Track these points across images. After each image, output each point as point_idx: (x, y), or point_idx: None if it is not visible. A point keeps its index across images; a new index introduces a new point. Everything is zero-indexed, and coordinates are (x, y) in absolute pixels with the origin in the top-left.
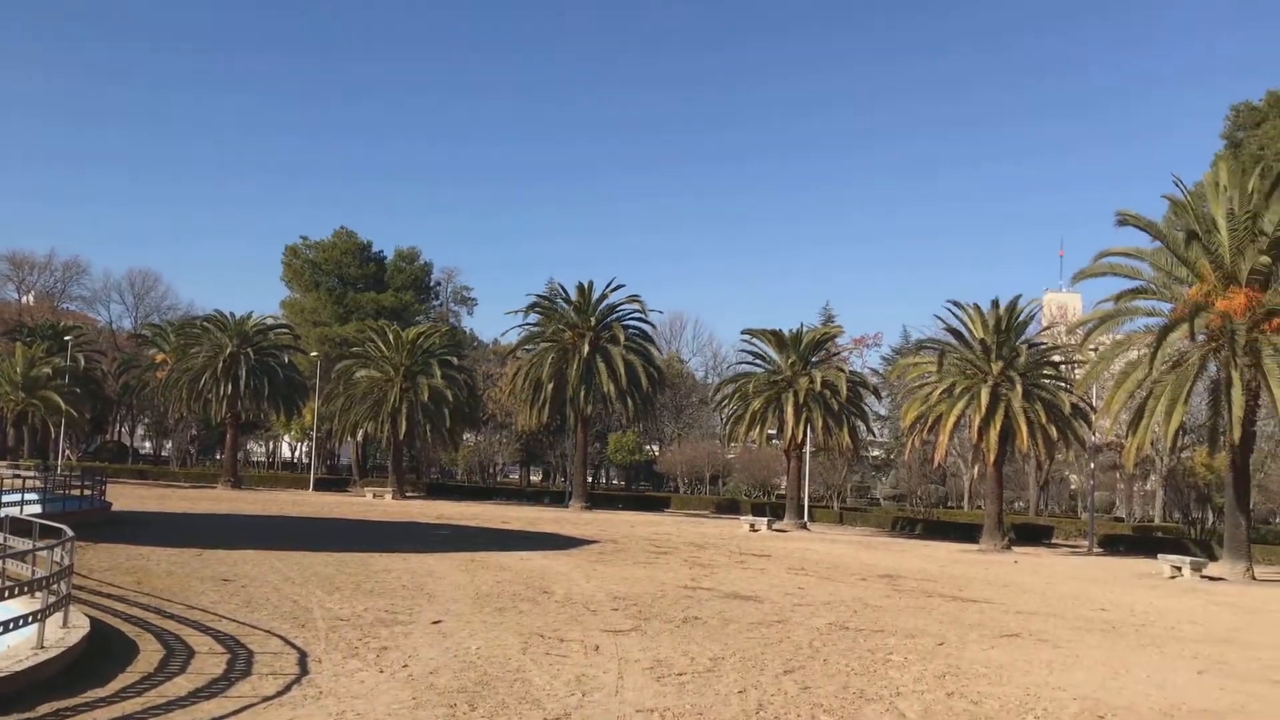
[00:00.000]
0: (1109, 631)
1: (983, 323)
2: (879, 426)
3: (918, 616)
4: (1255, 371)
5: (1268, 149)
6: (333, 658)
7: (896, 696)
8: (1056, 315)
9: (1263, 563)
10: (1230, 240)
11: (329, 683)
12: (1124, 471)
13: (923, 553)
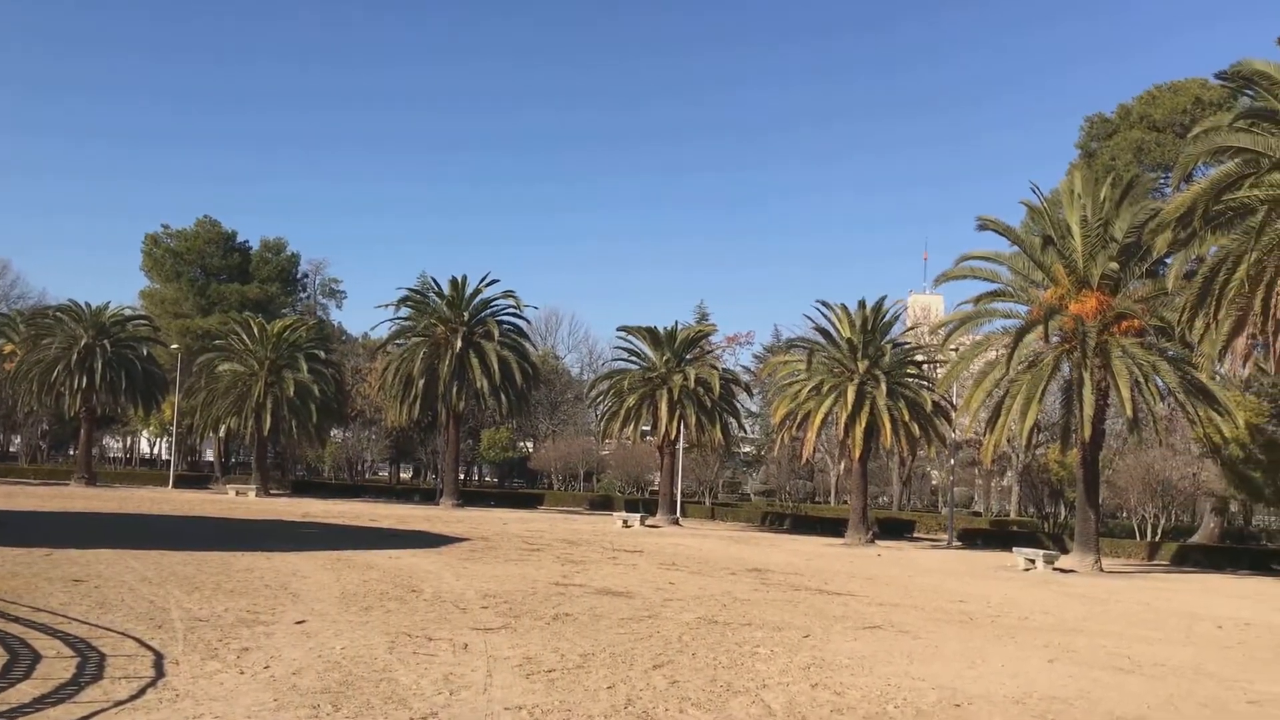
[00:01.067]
0: (966, 623)
1: (850, 323)
2: (750, 423)
3: (785, 610)
4: (1105, 372)
5: (1119, 159)
6: (191, 659)
7: (763, 689)
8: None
9: (1110, 555)
10: (1083, 246)
11: (186, 685)
12: (982, 468)
13: (791, 547)
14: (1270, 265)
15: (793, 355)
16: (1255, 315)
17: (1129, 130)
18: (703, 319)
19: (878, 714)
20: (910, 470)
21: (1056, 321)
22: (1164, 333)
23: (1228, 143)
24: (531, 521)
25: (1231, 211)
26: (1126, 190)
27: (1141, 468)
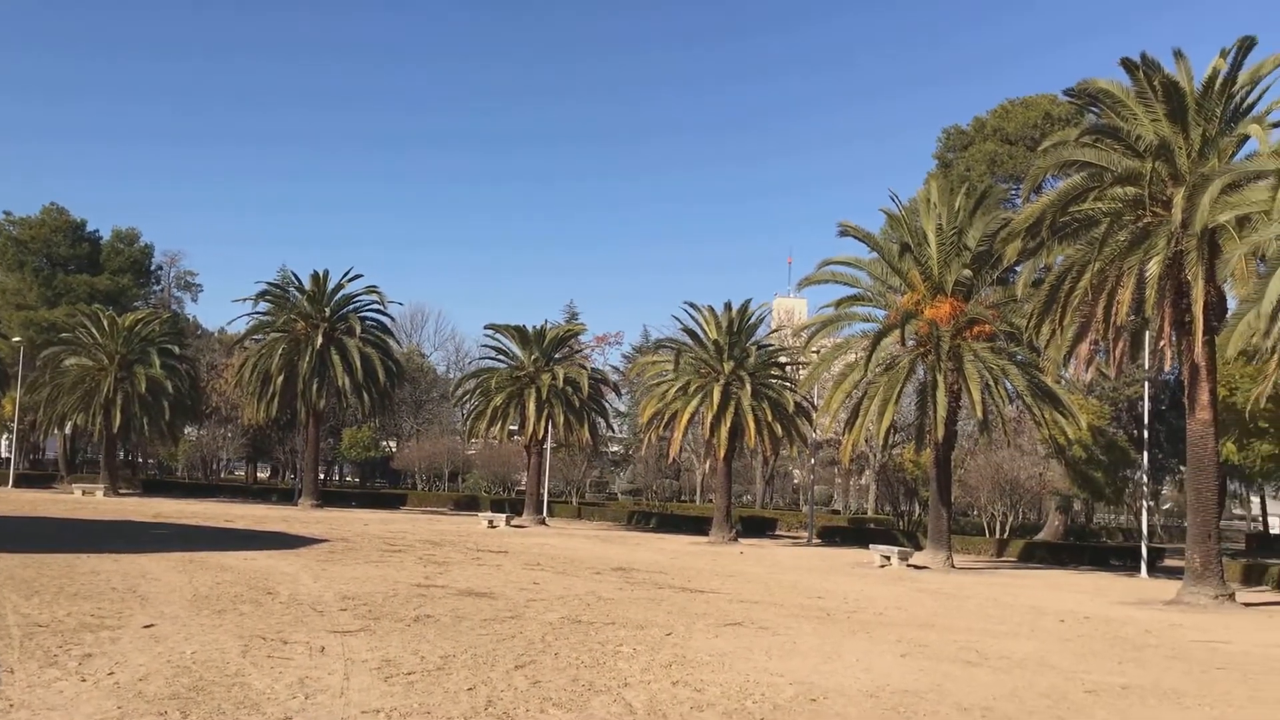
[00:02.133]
0: (824, 618)
1: (716, 324)
2: (618, 423)
3: (648, 608)
4: (958, 375)
5: (973, 170)
6: (28, 667)
7: (624, 687)
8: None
9: (961, 552)
10: (938, 253)
11: (22, 695)
12: (841, 467)
13: (656, 545)
14: (1112, 275)
15: (661, 356)
16: (1098, 322)
17: (983, 142)
18: (572, 319)
19: (736, 710)
20: (773, 469)
21: (913, 326)
22: (1013, 338)
23: (1074, 157)
24: (394, 522)
25: (1077, 223)
26: (980, 200)
27: (991, 467)
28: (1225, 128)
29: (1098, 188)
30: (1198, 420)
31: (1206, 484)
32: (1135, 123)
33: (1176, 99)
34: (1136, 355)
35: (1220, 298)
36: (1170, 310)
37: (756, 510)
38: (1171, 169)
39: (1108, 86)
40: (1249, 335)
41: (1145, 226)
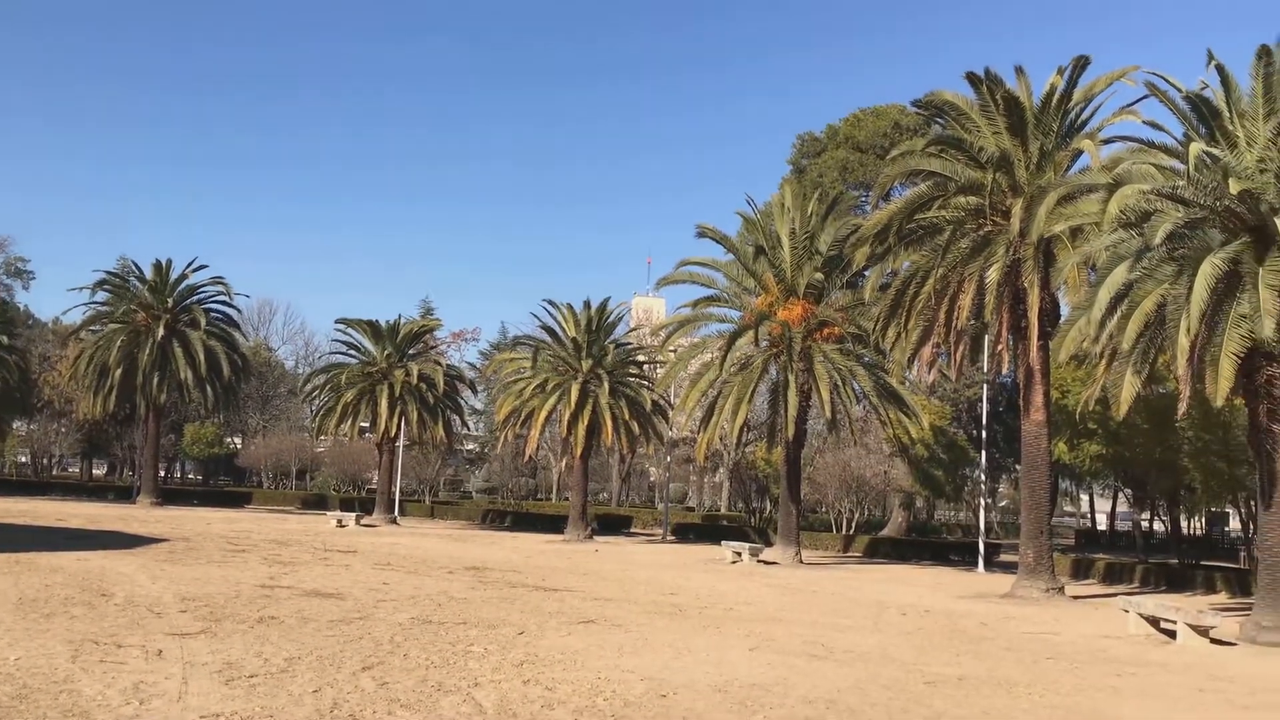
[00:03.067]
0: (676, 614)
1: (575, 322)
2: (474, 420)
3: (501, 607)
4: (808, 376)
5: (826, 176)
6: None
7: (474, 687)
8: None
9: (810, 548)
10: (791, 257)
11: None
12: (696, 464)
13: (511, 544)
14: (954, 281)
15: (519, 353)
16: (940, 326)
17: (836, 150)
18: (428, 314)
19: (587, 707)
20: (630, 467)
21: (766, 327)
22: (861, 340)
23: (920, 166)
24: (238, 521)
25: (923, 230)
26: (831, 206)
27: (839, 465)
28: (1061, 142)
29: (942, 196)
30: (1032, 421)
31: (1039, 482)
32: (978, 135)
33: (1017, 113)
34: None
35: (1054, 304)
36: (1008, 316)
37: (612, 508)
38: (1011, 180)
39: (953, 99)
40: (1080, 341)
41: (986, 235)
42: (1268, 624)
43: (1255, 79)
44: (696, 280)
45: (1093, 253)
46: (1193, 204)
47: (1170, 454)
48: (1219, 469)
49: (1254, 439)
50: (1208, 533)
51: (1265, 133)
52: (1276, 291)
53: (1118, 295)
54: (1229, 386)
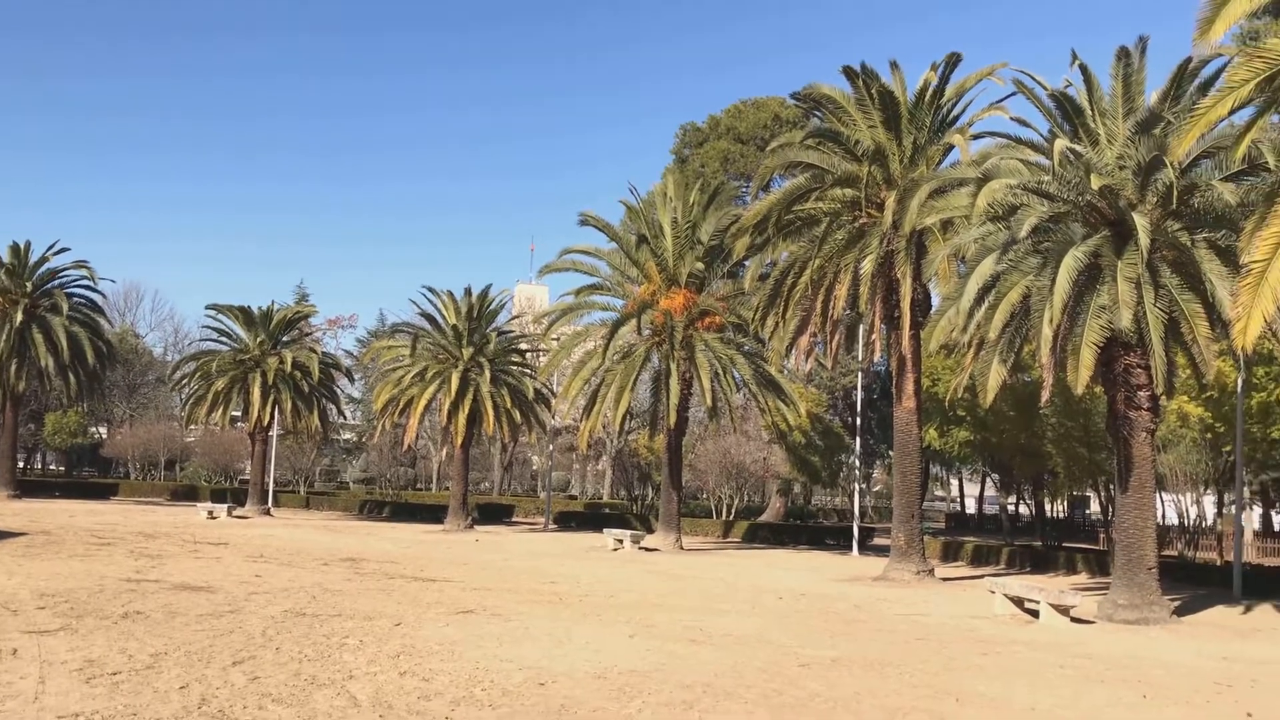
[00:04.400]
0: (556, 603)
1: (456, 309)
2: (351, 409)
3: (378, 599)
4: (690, 364)
5: (708, 166)
6: None
7: (349, 680)
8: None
9: (691, 534)
10: (674, 246)
11: None
12: (579, 453)
13: (389, 535)
14: (830, 271)
15: (398, 340)
16: (817, 316)
17: (718, 140)
18: (303, 299)
19: (465, 697)
20: (511, 456)
21: (648, 316)
22: (741, 329)
23: (799, 158)
24: (103, 513)
25: (801, 221)
26: (713, 196)
27: (720, 452)
28: (934, 136)
29: (820, 188)
30: (904, 408)
31: (911, 468)
32: (855, 128)
33: (891, 108)
34: (851, 347)
35: (926, 295)
36: (882, 306)
37: (494, 497)
38: (886, 173)
39: (830, 92)
40: (950, 330)
41: (861, 227)
42: (1123, 602)
43: (1115, 79)
44: (579, 268)
45: (962, 245)
46: (1057, 199)
47: (1034, 440)
48: (1080, 454)
49: (1112, 426)
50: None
51: (1124, 131)
52: (1133, 284)
53: (985, 286)
54: (1089, 375)
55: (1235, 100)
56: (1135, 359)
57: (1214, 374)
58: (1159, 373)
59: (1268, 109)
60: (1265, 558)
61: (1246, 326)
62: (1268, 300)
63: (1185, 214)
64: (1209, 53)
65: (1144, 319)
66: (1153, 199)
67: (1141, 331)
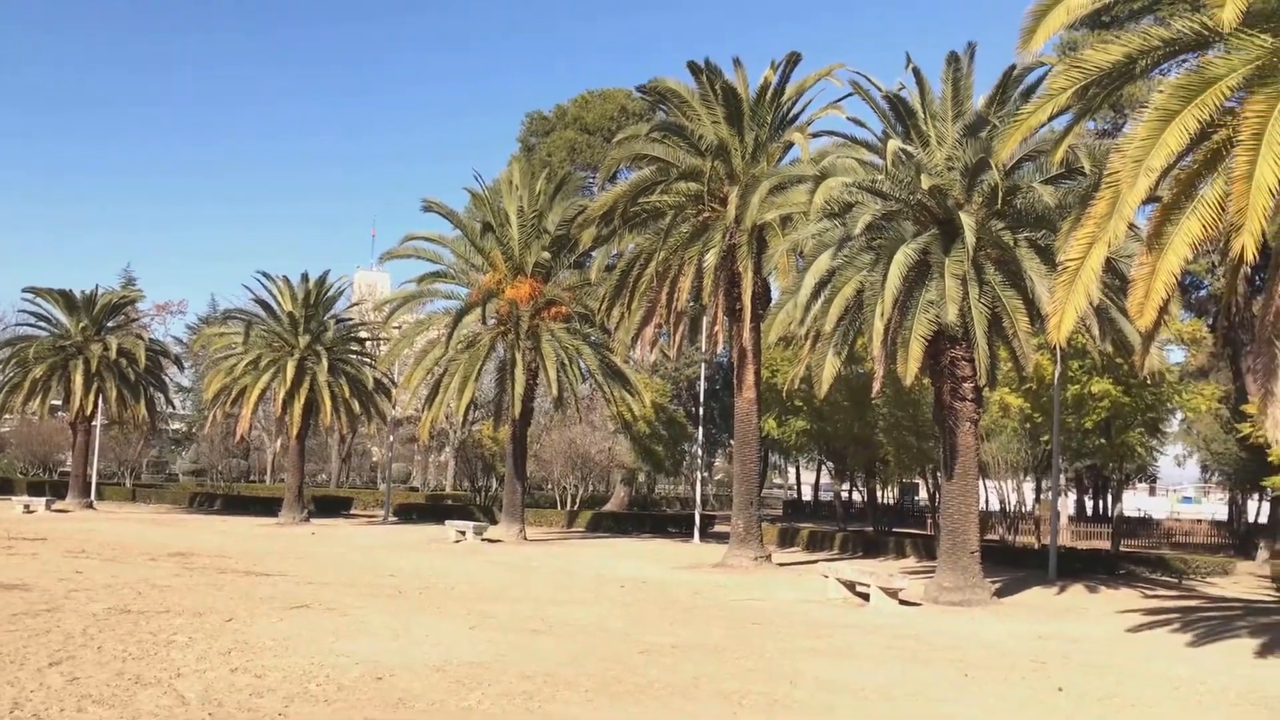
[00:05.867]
0: (396, 596)
1: (292, 296)
2: (181, 399)
3: (208, 594)
4: (535, 354)
5: (554, 156)
6: None
7: (177, 678)
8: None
9: (535, 525)
10: (520, 235)
11: None
12: (421, 444)
13: (221, 528)
14: (675, 264)
15: (230, 327)
16: (661, 307)
17: (564, 130)
18: (129, 284)
19: (299, 693)
20: (350, 447)
21: (493, 305)
22: (587, 319)
23: (644, 151)
24: None
25: (646, 213)
26: (559, 186)
27: (565, 442)
28: (774, 134)
29: (665, 181)
30: (744, 399)
31: (750, 456)
32: (699, 123)
33: (734, 104)
34: (695, 339)
35: (766, 288)
36: (724, 298)
37: (332, 490)
38: (729, 168)
39: (675, 87)
40: (788, 323)
41: (705, 220)
42: (948, 585)
43: (946, 83)
44: (423, 255)
45: (801, 240)
46: (889, 197)
47: (867, 429)
48: (909, 443)
49: (939, 415)
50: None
51: (953, 133)
52: (959, 280)
53: (822, 281)
54: (917, 367)
55: (1054, 107)
56: (961, 352)
57: (1033, 367)
58: (982, 365)
59: (1084, 116)
60: (1079, 541)
61: (1061, 322)
62: (1081, 297)
63: (1008, 214)
64: (1031, 61)
65: (969, 314)
66: (979, 199)
67: (967, 326)
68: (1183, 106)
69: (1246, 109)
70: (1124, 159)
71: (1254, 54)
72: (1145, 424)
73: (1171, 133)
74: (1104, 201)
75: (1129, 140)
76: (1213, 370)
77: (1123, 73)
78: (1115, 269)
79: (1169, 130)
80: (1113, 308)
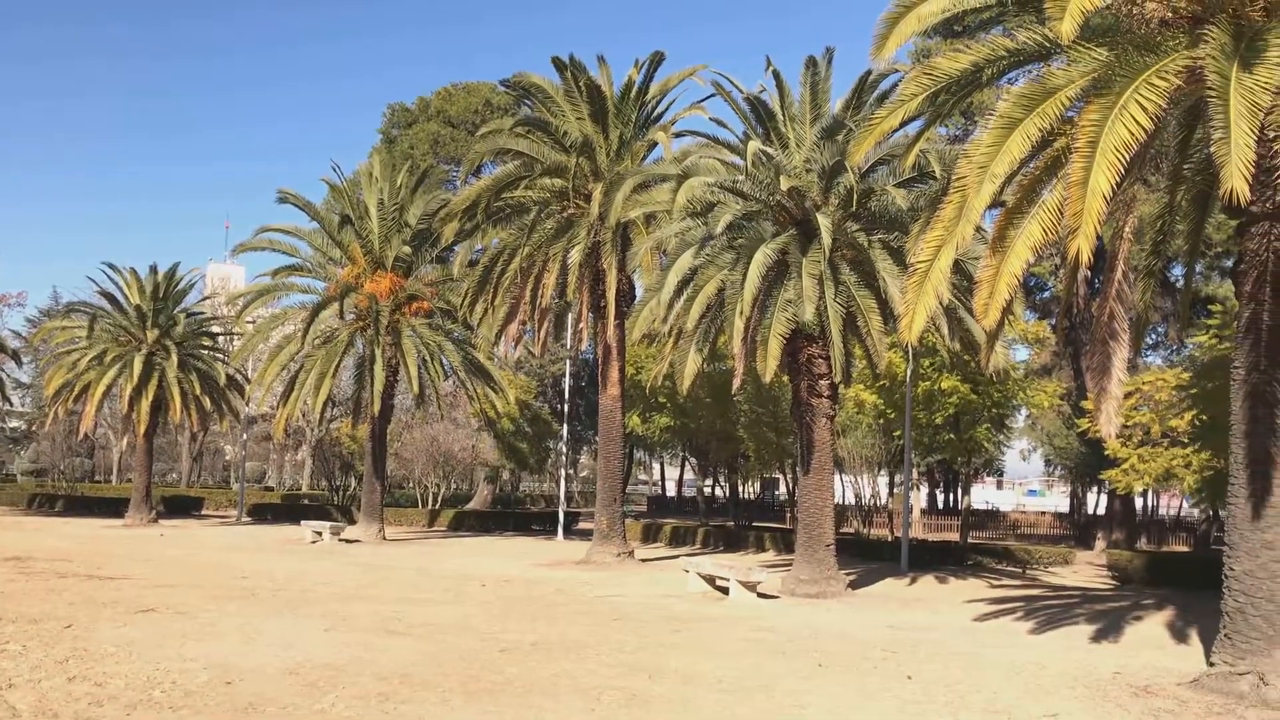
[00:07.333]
0: (248, 598)
1: (140, 288)
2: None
3: (47, 599)
4: (396, 350)
5: (417, 149)
6: None
7: (8, 689)
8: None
9: (395, 524)
10: (380, 228)
11: None
12: (276, 442)
13: (63, 530)
14: (539, 260)
15: (73, 320)
16: (526, 304)
17: (427, 122)
18: None
19: (142, 700)
20: (202, 446)
21: (352, 299)
22: (450, 315)
23: (509, 146)
24: None
25: (511, 209)
26: (421, 179)
27: (427, 440)
28: (639, 132)
29: (529, 177)
30: (608, 395)
31: (614, 453)
32: (564, 119)
33: (599, 101)
34: (560, 335)
35: (630, 286)
36: (589, 295)
37: (182, 489)
38: (593, 165)
39: (540, 82)
40: (652, 320)
41: (570, 217)
42: (804, 578)
43: (804, 86)
44: (278, 248)
45: (664, 239)
46: (750, 198)
47: (729, 425)
48: (769, 439)
49: (796, 412)
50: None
51: (811, 136)
52: (816, 280)
53: (684, 279)
54: (776, 364)
55: (905, 113)
56: (817, 350)
57: (886, 364)
58: (838, 363)
59: (935, 121)
60: (931, 533)
61: (913, 321)
62: (930, 297)
63: (864, 216)
64: (885, 67)
65: (825, 313)
66: (835, 201)
67: (823, 324)
68: (1025, 115)
69: (1083, 118)
70: (971, 164)
71: (1091, 66)
72: (992, 420)
73: (1015, 140)
74: (952, 205)
75: (975, 146)
76: (1055, 368)
77: (971, 80)
78: (963, 270)
79: (1012, 137)
80: (961, 308)
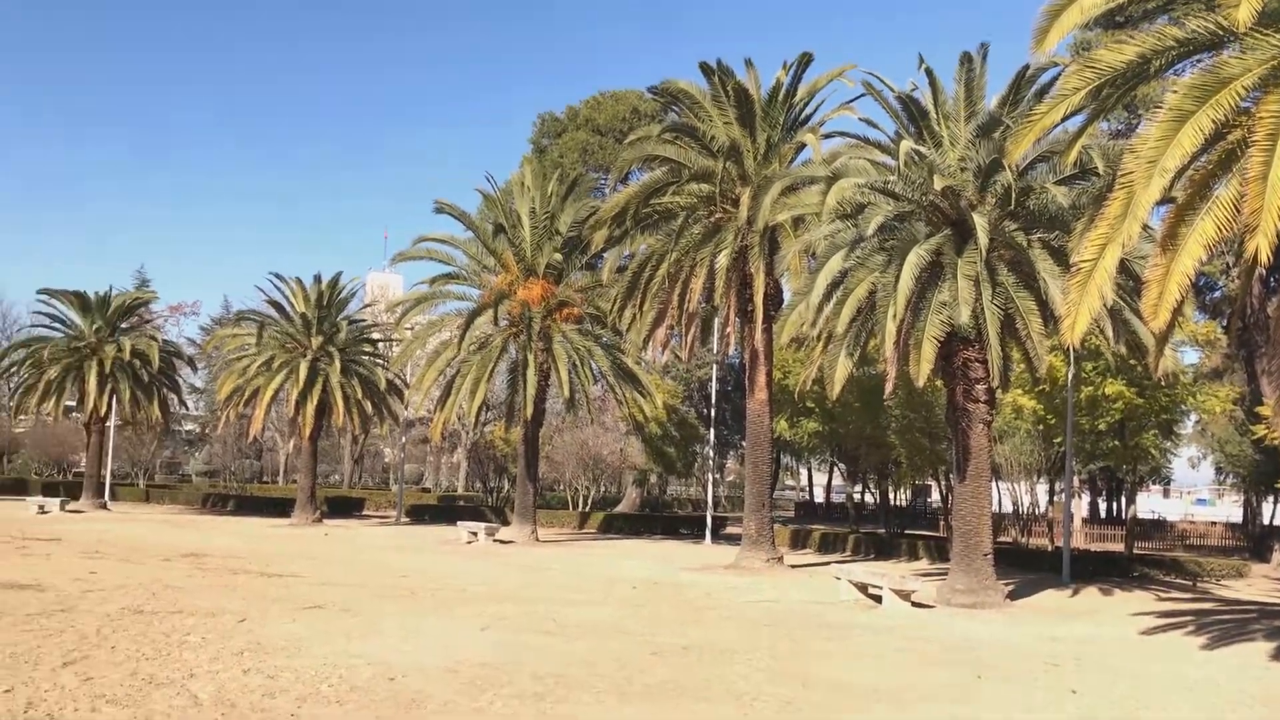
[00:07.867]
0: (408, 597)
1: (304, 297)
2: (194, 399)
3: (221, 595)
4: (548, 355)
5: (566, 158)
6: None
7: (190, 678)
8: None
9: (547, 525)
10: (531, 236)
11: None
12: (433, 445)
13: (234, 529)
14: (687, 265)
15: (243, 328)
16: (673, 309)
17: (576, 131)
18: (142, 285)
19: (311, 694)
20: (362, 448)
21: (505, 306)
22: (599, 321)
23: (656, 152)
24: None
25: (658, 214)
26: (571, 187)
27: (577, 444)
28: (786, 135)
29: (677, 183)
30: (756, 400)
31: (762, 458)
32: (711, 124)
33: (746, 105)
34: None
35: (778, 290)
36: (736, 300)
37: (344, 490)
38: (740, 169)
39: (687, 87)
40: (800, 324)
41: (717, 221)
42: (960, 587)
43: (958, 83)
44: (435, 257)
45: (813, 241)
46: (902, 198)
47: (879, 431)
48: (922, 445)
49: (951, 417)
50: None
51: (966, 133)
52: (972, 281)
53: (834, 282)
54: (930, 368)
55: (1068, 107)
56: (973, 353)
57: (1046, 368)
58: (995, 367)
59: (1097, 116)
60: (1092, 543)
61: (1075, 323)
62: (1094, 298)
63: (1022, 215)
64: (1044, 61)
65: (982, 315)
66: (992, 200)
67: (979, 327)
68: (1197, 107)
69: (1261, 109)
70: (1138, 159)
71: (1269, 54)
72: (1159, 426)
73: (1186, 133)
74: (1118, 202)
75: (1143, 141)
76: (1227, 372)
77: (1136, 73)
78: (1129, 270)
79: (1183, 131)
80: (1126, 309)
